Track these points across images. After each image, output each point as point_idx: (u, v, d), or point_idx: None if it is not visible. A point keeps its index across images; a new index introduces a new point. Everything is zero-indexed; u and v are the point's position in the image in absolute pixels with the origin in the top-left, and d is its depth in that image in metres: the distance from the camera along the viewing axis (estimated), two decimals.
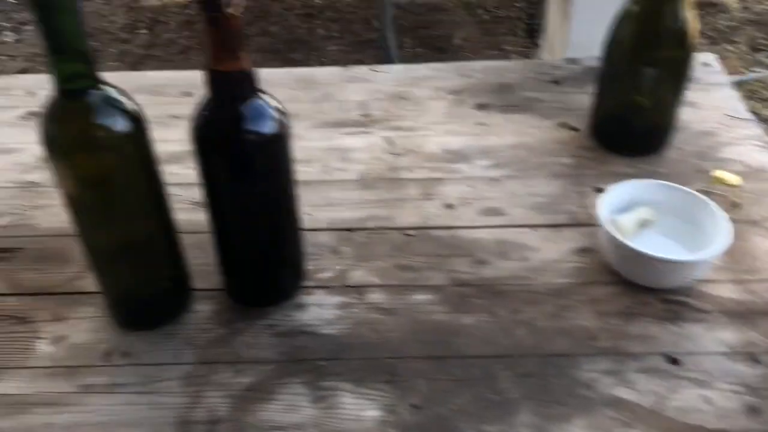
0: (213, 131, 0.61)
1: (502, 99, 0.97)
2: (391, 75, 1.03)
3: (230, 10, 0.55)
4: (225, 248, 0.68)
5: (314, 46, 2.93)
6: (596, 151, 0.88)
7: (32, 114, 0.96)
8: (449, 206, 0.82)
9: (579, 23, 1.02)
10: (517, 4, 3.25)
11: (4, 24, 3.01)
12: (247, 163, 0.61)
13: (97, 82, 0.56)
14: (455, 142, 0.91)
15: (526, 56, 2.86)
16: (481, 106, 0.96)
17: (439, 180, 0.85)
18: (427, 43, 2.95)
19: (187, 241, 0.69)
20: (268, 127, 0.61)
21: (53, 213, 0.82)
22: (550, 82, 1.00)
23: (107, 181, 0.59)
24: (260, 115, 0.60)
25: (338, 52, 2.88)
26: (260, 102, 0.60)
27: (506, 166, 0.87)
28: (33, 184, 0.86)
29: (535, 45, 1.17)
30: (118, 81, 0.58)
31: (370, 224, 0.79)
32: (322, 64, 2.83)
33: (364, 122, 0.94)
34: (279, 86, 1.03)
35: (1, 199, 0.84)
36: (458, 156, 0.88)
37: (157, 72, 1.04)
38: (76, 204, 0.60)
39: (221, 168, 0.62)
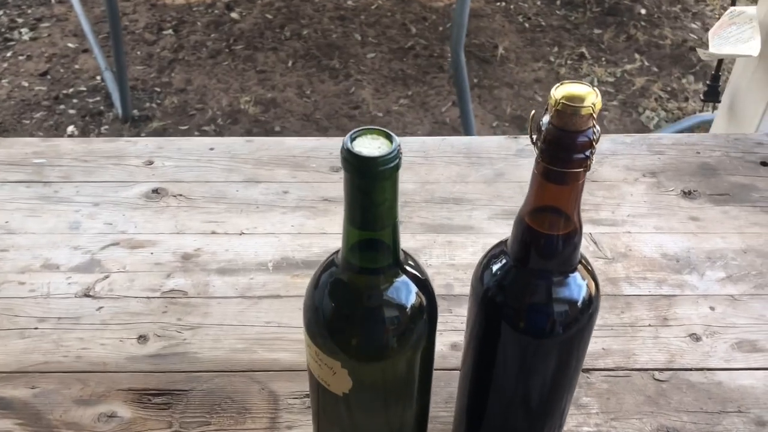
0: (512, 299, 0.46)
1: (709, 185, 0.83)
2: None
3: (589, 165, 0.40)
4: (475, 419, 0.54)
5: (351, 52, 2.77)
6: None
7: (157, 192, 0.80)
8: (695, 337, 0.68)
9: None
10: (559, 12, 3.11)
11: (18, 20, 2.80)
12: (546, 344, 0.47)
13: (397, 261, 0.41)
14: (672, 244, 0.77)
15: (576, 69, 2.73)
16: (687, 194, 0.82)
17: (670, 298, 0.71)
18: (470, 52, 2.80)
19: None
20: (580, 309, 0.46)
21: (214, 337, 0.66)
22: (758, 164, 0.86)
23: (379, 373, 0.44)
24: (575, 292, 0.45)
25: (378, 60, 2.72)
26: (578, 275, 0.46)
27: (743, 280, 0.73)
28: (179, 293, 0.70)
29: (713, 107, 1.03)
30: (242, 150, 0.43)
31: (607, 362, 0.65)
32: (361, 72, 2.67)
33: None
34: (438, 157, 0.89)
35: (141, 314, 0.68)
36: (683, 264, 0.74)
37: (296, 139, 0.88)
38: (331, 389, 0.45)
39: (510, 339, 0.47)
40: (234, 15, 2.89)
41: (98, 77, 2.52)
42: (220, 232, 0.76)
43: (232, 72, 2.60)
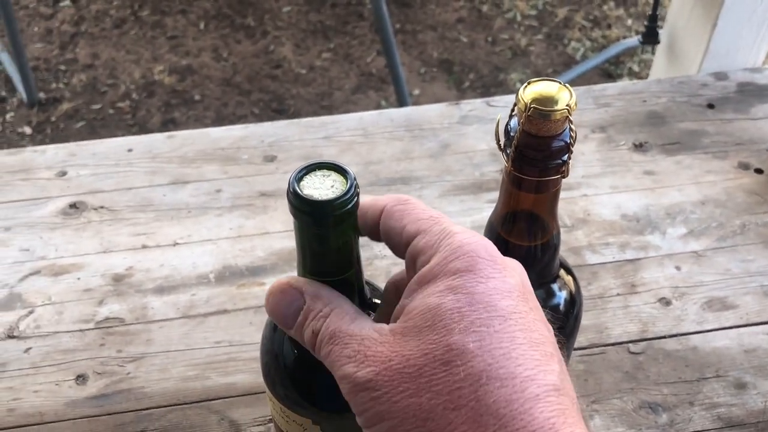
0: None
1: (659, 135, 0.81)
2: None
3: (567, 171, 0.35)
4: None
5: (265, 7, 2.64)
6: None
7: (75, 207, 0.73)
8: (665, 301, 0.66)
9: (723, 28, 0.86)
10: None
11: None
12: None
13: (362, 300, 0.36)
14: (630, 203, 0.74)
15: (498, 5, 2.67)
16: (639, 147, 0.79)
17: (635, 262, 0.69)
18: None
19: None
20: (563, 320, 0.42)
21: (161, 367, 0.60)
22: (705, 107, 0.84)
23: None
24: (557, 303, 0.42)
25: (295, 13, 2.60)
26: (557, 284, 0.42)
27: (705, 234, 0.71)
28: (116, 321, 0.64)
29: (652, 49, 1.00)
30: (163, 148, 0.38)
31: (581, 340, 0.63)
32: (278, 28, 2.55)
33: None
34: (378, 134, 0.83)
35: (76, 351, 0.62)
36: (643, 223, 0.72)
37: (222, 129, 0.80)
38: None
39: None
40: None
41: None
42: (152, 245, 0.70)
43: (141, 41, 2.45)
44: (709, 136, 0.81)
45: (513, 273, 0.29)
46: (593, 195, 0.75)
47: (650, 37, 0.91)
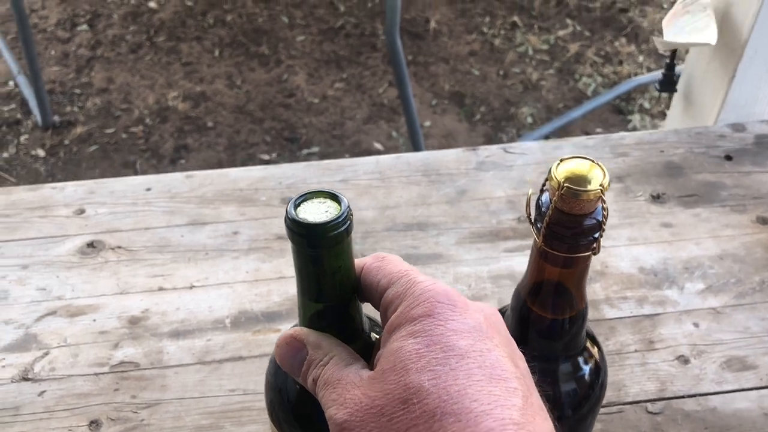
0: None
1: (677, 186, 0.81)
2: (531, 157, 0.84)
3: (597, 248, 0.35)
4: None
5: (279, 36, 2.67)
6: None
7: (92, 246, 0.73)
8: (683, 359, 0.65)
9: (742, 79, 0.86)
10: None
11: None
12: None
13: (362, 330, 0.36)
14: (647, 256, 0.74)
15: (510, 39, 2.69)
16: (656, 198, 0.79)
17: (653, 317, 0.68)
18: (402, 28, 2.73)
19: None
20: (586, 396, 0.42)
21: (175, 414, 0.60)
22: (722, 159, 0.84)
23: None
24: (581, 377, 0.41)
25: (309, 43, 2.62)
26: (583, 358, 0.41)
27: (723, 290, 0.71)
28: (131, 366, 0.63)
29: (669, 98, 1.00)
30: (182, 188, 0.38)
31: None
32: (292, 57, 2.57)
33: (524, 231, 0.76)
34: (396, 178, 0.83)
35: (90, 395, 0.61)
36: (661, 278, 0.72)
37: (241, 170, 0.81)
38: None
39: None
40: (152, 4, 2.75)
41: (11, 83, 2.36)
42: (168, 287, 0.70)
43: (156, 66, 2.47)
44: (726, 189, 0.81)
45: (474, 314, 0.31)
46: (611, 247, 0.74)
47: (667, 86, 0.92)
